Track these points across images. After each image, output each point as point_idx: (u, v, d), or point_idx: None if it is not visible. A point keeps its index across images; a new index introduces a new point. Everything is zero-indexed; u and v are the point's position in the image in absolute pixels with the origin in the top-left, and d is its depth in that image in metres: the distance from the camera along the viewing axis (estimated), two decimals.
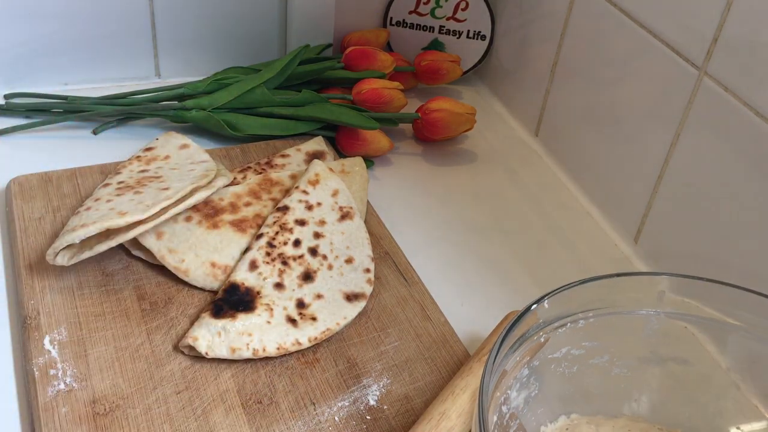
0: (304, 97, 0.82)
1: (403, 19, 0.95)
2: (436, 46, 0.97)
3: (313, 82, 0.88)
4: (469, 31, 0.95)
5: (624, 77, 0.74)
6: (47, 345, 0.57)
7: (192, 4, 0.86)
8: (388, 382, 0.59)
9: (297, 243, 0.66)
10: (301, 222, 0.68)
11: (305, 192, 0.70)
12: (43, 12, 0.81)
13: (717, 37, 0.62)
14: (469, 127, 0.86)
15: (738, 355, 0.53)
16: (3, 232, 0.68)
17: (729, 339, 0.52)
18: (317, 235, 0.67)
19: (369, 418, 0.56)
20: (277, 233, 0.66)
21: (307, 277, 0.64)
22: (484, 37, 0.95)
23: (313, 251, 0.66)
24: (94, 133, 0.81)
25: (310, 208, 0.69)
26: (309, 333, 0.60)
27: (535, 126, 0.89)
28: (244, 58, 0.91)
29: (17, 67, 0.83)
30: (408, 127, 0.88)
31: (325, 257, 0.66)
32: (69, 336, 0.58)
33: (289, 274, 0.64)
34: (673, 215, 0.70)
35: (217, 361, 0.58)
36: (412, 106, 0.88)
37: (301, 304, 0.62)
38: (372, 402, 0.57)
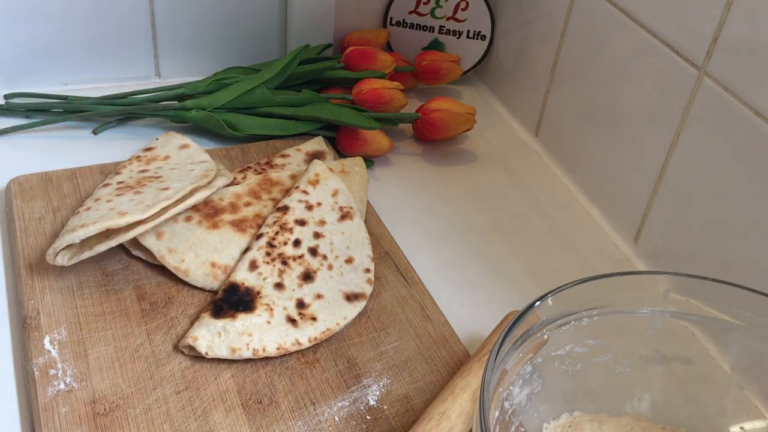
0: (304, 97, 0.82)
1: (403, 19, 0.95)
2: (436, 46, 0.96)
3: (313, 82, 0.88)
4: (469, 31, 0.95)
5: (624, 77, 0.74)
6: (47, 345, 0.57)
7: (192, 4, 0.86)
8: (388, 382, 0.59)
9: (297, 243, 0.66)
10: (301, 222, 0.68)
11: (305, 192, 0.70)
12: (43, 12, 0.81)
13: (717, 37, 0.62)
14: (469, 127, 0.86)
15: (739, 355, 0.53)
16: (3, 232, 0.68)
17: (730, 338, 0.52)
18: (317, 235, 0.67)
19: (369, 418, 0.56)
20: (277, 233, 0.66)
21: (307, 277, 0.64)
22: (484, 37, 0.95)
23: (313, 251, 0.66)
24: (94, 133, 0.81)
25: (310, 208, 0.69)
26: (309, 333, 0.60)
27: (535, 126, 0.89)
28: (244, 58, 0.91)
29: (17, 67, 0.83)
30: (408, 127, 0.88)
31: (325, 257, 0.66)
32: (69, 336, 0.58)
33: (289, 274, 0.64)
34: (673, 215, 0.70)
35: (217, 361, 0.58)
36: (412, 106, 0.88)
37: (301, 304, 0.62)
38: (372, 402, 0.57)
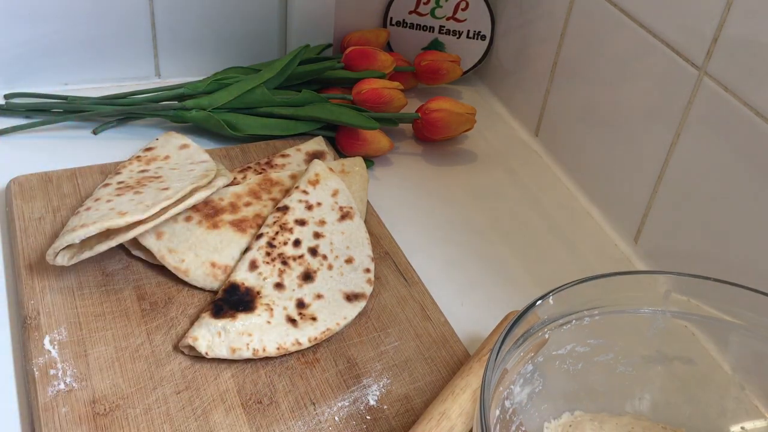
0: (304, 97, 0.82)
1: (403, 19, 0.95)
2: (436, 46, 0.96)
3: (313, 82, 0.88)
4: (469, 31, 0.95)
5: (624, 77, 0.74)
6: (47, 345, 0.57)
7: (192, 4, 0.86)
8: (388, 382, 0.59)
9: (297, 243, 0.66)
10: (301, 222, 0.68)
11: (305, 192, 0.70)
12: (43, 12, 0.81)
13: (717, 37, 0.62)
14: (469, 127, 0.86)
15: (740, 354, 0.53)
16: (3, 232, 0.68)
17: (731, 338, 0.52)
18: (317, 235, 0.67)
19: (369, 418, 0.56)
20: (277, 233, 0.66)
21: (307, 277, 0.64)
22: (484, 37, 0.95)
23: (313, 251, 0.66)
24: (94, 133, 0.81)
25: (310, 208, 0.69)
26: (309, 333, 0.60)
27: (535, 126, 0.89)
28: (244, 58, 0.91)
29: (17, 67, 0.83)
30: (408, 127, 0.88)
31: (325, 257, 0.66)
32: (69, 336, 0.58)
33: (289, 274, 0.64)
34: (673, 215, 0.70)
35: (217, 361, 0.58)
36: (412, 106, 0.88)
37: (301, 304, 0.62)
38: (372, 402, 0.57)
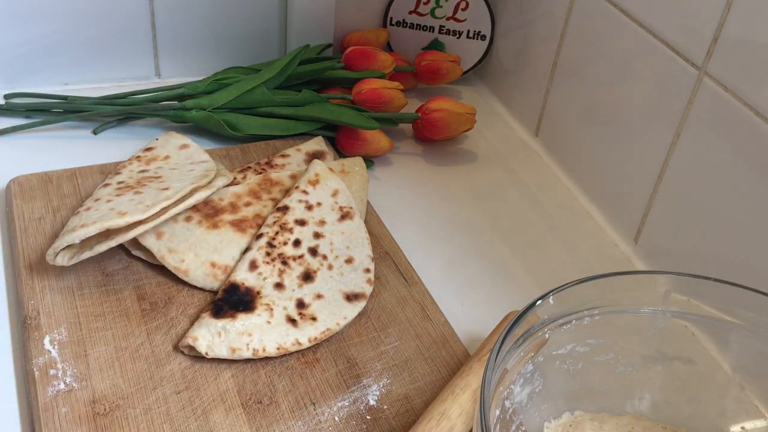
0: (304, 97, 0.82)
1: (403, 19, 0.95)
2: (436, 46, 0.96)
3: (313, 82, 0.88)
4: (469, 31, 0.95)
5: (624, 77, 0.74)
6: (47, 345, 0.57)
7: (192, 4, 0.86)
8: (388, 382, 0.59)
9: (297, 243, 0.66)
10: (301, 222, 0.68)
11: (305, 192, 0.70)
12: (43, 12, 0.81)
13: (717, 37, 0.62)
14: (469, 127, 0.86)
15: (740, 354, 0.53)
16: (3, 232, 0.68)
17: (731, 338, 0.52)
18: (317, 235, 0.67)
19: (369, 418, 0.56)
20: (277, 233, 0.66)
21: (307, 277, 0.64)
22: (484, 37, 0.95)
23: (313, 251, 0.66)
24: (94, 133, 0.81)
25: (310, 208, 0.69)
26: (309, 333, 0.60)
27: (535, 126, 0.89)
28: (244, 58, 0.91)
29: (17, 67, 0.83)
30: (408, 127, 0.88)
31: (325, 257, 0.66)
32: (69, 336, 0.58)
33: (289, 274, 0.64)
34: (673, 215, 0.70)
35: (217, 361, 0.58)
36: (412, 106, 0.88)
37: (301, 304, 0.62)
38: (372, 402, 0.57)
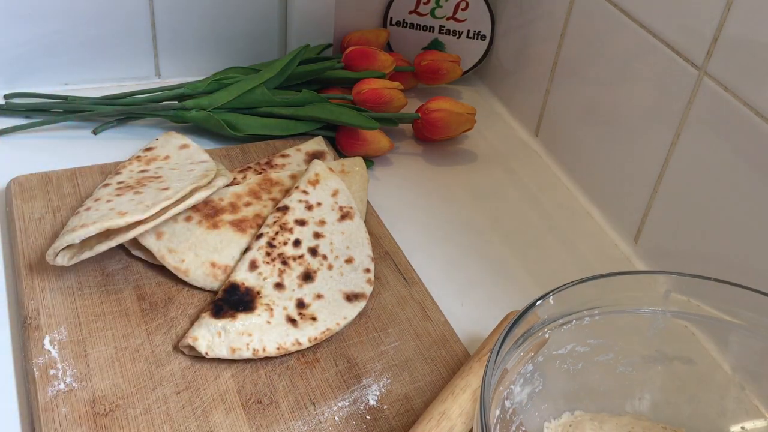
0: (304, 97, 0.82)
1: (403, 19, 0.95)
2: (436, 46, 0.96)
3: (313, 82, 0.88)
4: (469, 31, 0.95)
5: (624, 77, 0.74)
6: (47, 345, 0.57)
7: (192, 4, 0.86)
8: (388, 382, 0.59)
9: (297, 243, 0.66)
10: (301, 222, 0.68)
11: (305, 192, 0.70)
12: (43, 12, 0.81)
13: (717, 37, 0.62)
14: (469, 127, 0.86)
15: (740, 354, 0.53)
16: (3, 232, 0.68)
17: (731, 338, 0.52)
18: (317, 235, 0.67)
19: (369, 418, 0.56)
20: (277, 233, 0.66)
21: (307, 277, 0.64)
22: (484, 37, 0.95)
23: (313, 251, 0.66)
24: (94, 133, 0.81)
25: (310, 208, 0.69)
26: (309, 333, 0.60)
27: (535, 126, 0.89)
28: (244, 58, 0.91)
29: (17, 67, 0.83)
30: (408, 127, 0.88)
31: (325, 257, 0.66)
32: (69, 336, 0.58)
33: (289, 274, 0.64)
34: (673, 215, 0.70)
35: (217, 361, 0.58)
36: (412, 106, 0.88)
37: (301, 304, 0.62)
38: (372, 402, 0.57)
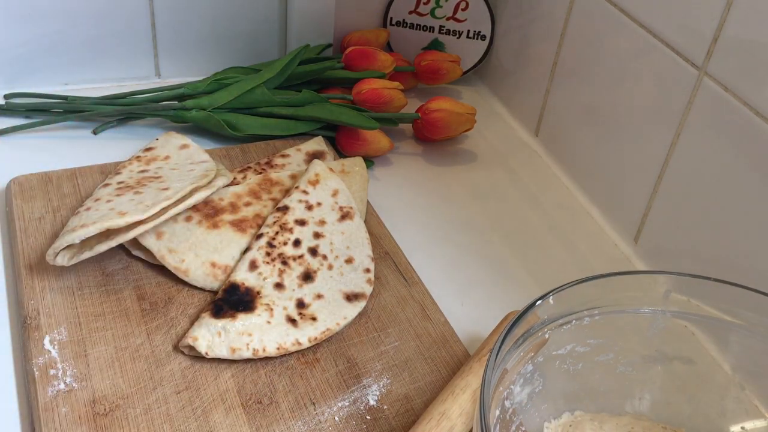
0: (304, 97, 0.82)
1: (403, 19, 0.95)
2: (436, 46, 0.96)
3: (313, 82, 0.88)
4: (469, 31, 0.95)
5: (624, 77, 0.74)
6: (47, 345, 0.57)
7: (192, 4, 0.86)
8: (388, 382, 0.59)
9: (297, 243, 0.66)
10: (301, 222, 0.68)
11: (305, 192, 0.70)
12: (43, 12, 0.81)
13: (717, 37, 0.62)
14: (469, 127, 0.86)
15: (740, 354, 0.53)
16: (3, 232, 0.68)
17: (731, 338, 0.52)
18: (317, 235, 0.67)
19: (369, 418, 0.56)
20: (277, 233, 0.66)
21: (307, 277, 0.64)
22: (484, 37, 0.95)
23: (313, 251, 0.66)
24: (94, 133, 0.81)
25: (310, 208, 0.69)
26: (309, 333, 0.60)
27: (535, 126, 0.89)
28: (244, 58, 0.91)
29: (17, 67, 0.83)
30: (408, 127, 0.88)
31: (325, 257, 0.66)
32: (69, 336, 0.58)
33: (289, 274, 0.64)
34: (673, 215, 0.70)
35: (217, 361, 0.58)
36: (412, 106, 0.88)
37: (301, 304, 0.62)
38: (372, 402, 0.57)
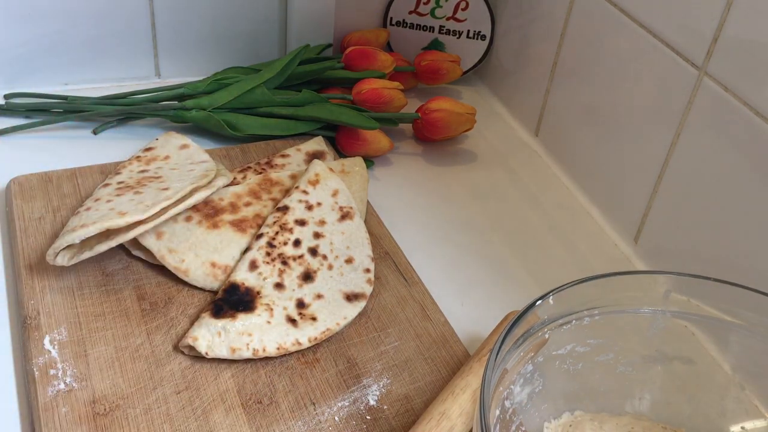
0: (304, 97, 0.82)
1: (403, 19, 0.95)
2: (436, 46, 0.96)
3: (313, 82, 0.88)
4: (469, 31, 0.95)
5: (624, 77, 0.74)
6: (47, 345, 0.57)
7: (192, 4, 0.86)
8: (388, 382, 0.59)
9: (297, 243, 0.66)
10: (301, 222, 0.68)
11: (305, 192, 0.70)
12: (43, 12, 0.81)
13: (717, 37, 0.62)
14: (469, 127, 0.86)
15: (740, 354, 0.53)
16: (3, 232, 0.68)
17: (731, 338, 0.52)
18: (317, 235, 0.67)
19: (369, 418, 0.56)
20: (277, 233, 0.66)
21: (307, 277, 0.64)
22: (484, 37, 0.95)
23: (313, 251, 0.66)
24: (94, 133, 0.81)
25: (310, 208, 0.69)
26: (309, 333, 0.60)
27: (535, 126, 0.89)
28: (244, 58, 0.91)
29: (17, 67, 0.83)
30: (408, 127, 0.88)
31: (325, 257, 0.66)
32: (69, 336, 0.58)
33: (289, 274, 0.64)
34: (673, 215, 0.70)
35: (217, 361, 0.58)
36: (412, 106, 0.88)
37: (301, 304, 0.62)
38: (372, 402, 0.57)
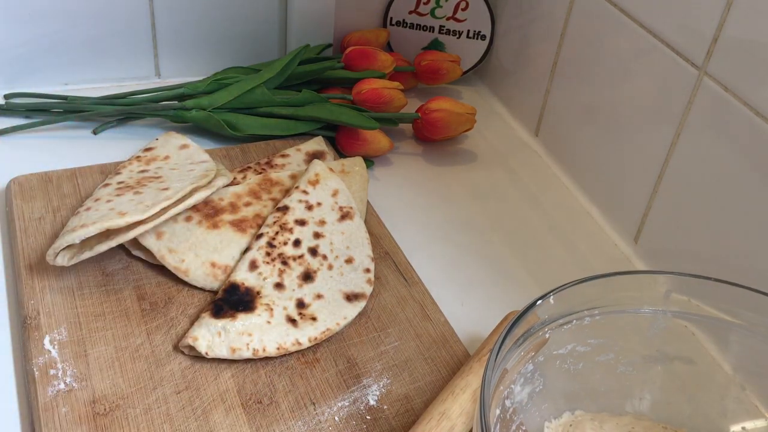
0: (304, 97, 0.82)
1: (403, 19, 0.95)
2: (436, 46, 0.96)
3: (313, 82, 0.88)
4: (469, 31, 0.95)
5: (624, 77, 0.74)
6: (47, 345, 0.57)
7: (192, 4, 0.86)
8: (388, 382, 0.59)
9: (297, 243, 0.66)
10: (301, 222, 0.68)
11: (305, 192, 0.70)
12: (43, 12, 0.81)
13: (717, 37, 0.62)
14: (469, 127, 0.86)
15: (740, 354, 0.53)
16: (3, 232, 0.68)
17: (731, 338, 0.52)
18: (317, 235, 0.67)
19: (369, 418, 0.56)
20: (277, 233, 0.66)
21: (307, 277, 0.64)
22: (484, 37, 0.95)
23: (313, 251, 0.66)
24: (94, 133, 0.81)
25: (310, 208, 0.69)
26: (309, 333, 0.60)
27: (535, 126, 0.89)
28: (244, 58, 0.91)
29: (17, 67, 0.83)
30: (408, 127, 0.88)
31: (325, 257, 0.66)
32: (69, 336, 0.58)
33: (289, 274, 0.64)
34: (673, 215, 0.70)
35: (217, 361, 0.58)
36: (412, 106, 0.88)
37: (301, 304, 0.62)
38: (372, 402, 0.57)
